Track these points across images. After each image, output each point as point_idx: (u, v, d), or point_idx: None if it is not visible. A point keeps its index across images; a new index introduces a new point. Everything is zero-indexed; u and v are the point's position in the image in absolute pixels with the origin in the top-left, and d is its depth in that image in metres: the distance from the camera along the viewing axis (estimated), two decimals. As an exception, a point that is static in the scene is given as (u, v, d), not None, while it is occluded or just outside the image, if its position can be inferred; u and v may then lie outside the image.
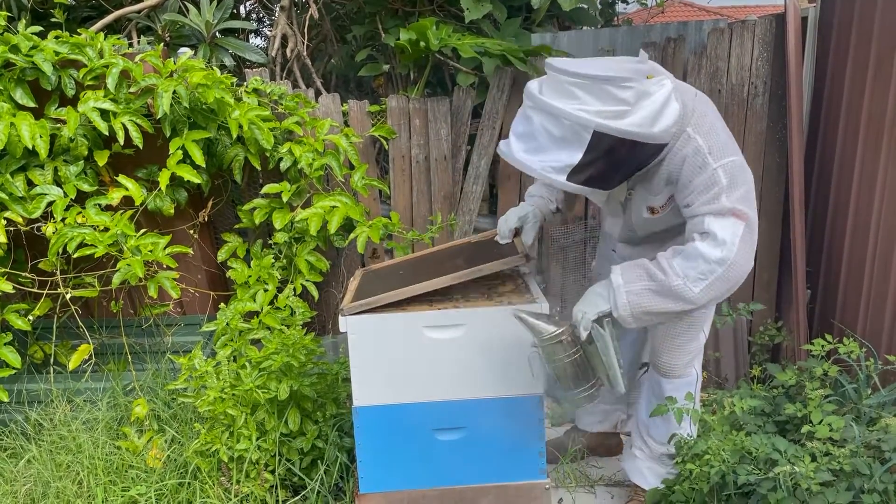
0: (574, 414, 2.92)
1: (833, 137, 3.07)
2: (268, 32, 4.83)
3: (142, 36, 3.65)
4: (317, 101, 3.25)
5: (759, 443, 2.09)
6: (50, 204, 2.76)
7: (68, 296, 2.83)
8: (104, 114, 2.77)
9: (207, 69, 2.94)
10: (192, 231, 3.13)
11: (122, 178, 2.87)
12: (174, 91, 2.79)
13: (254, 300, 3.01)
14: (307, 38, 3.68)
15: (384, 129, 3.20)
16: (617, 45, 3.27)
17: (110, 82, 2.78)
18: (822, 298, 3.17)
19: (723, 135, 2.02)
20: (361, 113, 3.26)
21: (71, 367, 2.92)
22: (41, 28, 2.89)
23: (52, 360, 3.01)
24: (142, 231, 2.87)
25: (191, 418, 2.74)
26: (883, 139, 2.69)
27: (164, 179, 2.85)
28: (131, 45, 3.46)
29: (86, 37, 2.91)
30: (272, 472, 2.52)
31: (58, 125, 2.78)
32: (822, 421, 2.18)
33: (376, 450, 2.34)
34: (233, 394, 2.53)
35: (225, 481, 2.49)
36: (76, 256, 2.71)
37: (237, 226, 3.23)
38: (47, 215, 2.77)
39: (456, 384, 2.29)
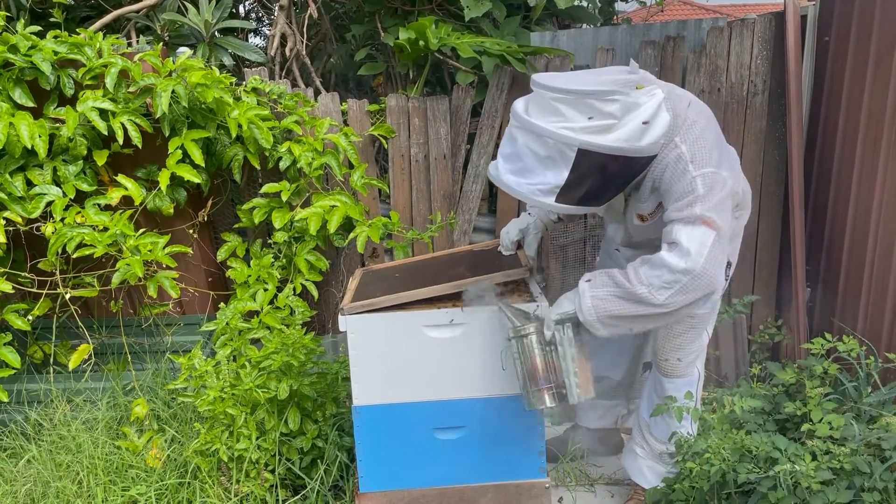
0: (576, 411, 2.92)
1: (832, 136, 3.06)
2: (267, 32, 4.84)
3: (141, 35, 3.65)
4: (316, 101, 3.24)
5: (760, 441, 2.09)
6: (49, 204, 2.76)
7: (68, 296, 2.82)
8: (103, 113, 2.77)
9: (206, 69, 2.94)
10: (192, 231, 3.13)
11: (122, 178, 2.87)
12: (173, 90, 2.79)
13: (253, 300, 3.01)
14: (306, 38, 3.68)
15: (383, 129, 3.20)
16: (616, 44, 3.26)
17: (109, 82, 2.78)
18: (822, 297, 3.17)
19: (711, 144, 1.97)
20: (361, 112, 3.26)
21: (71, 367, 2.92)
22: (40, 28, 2.89)
23: (52, 360, 3.01)
24: (141, 231, 2.87)
25: (191, 418, 2.74)
26: (882, 137, 2.69)
27: (164, 179, 2.85)
28: (130, 45, 3.45)
29: (84, 36, 2.90)
30: (272, 472, 2.52)
31: (57, 125, 2.78)
32: (823, 419, 2.18)
33: (376, 449, 2.34)
34: (232, 393, 2.53)
35: (225, 481, 2.49)
36: (75, 256, 2.71)
37: (237, 225, 3.23)
38: (46, 215, 2.77)
39: (456, 383, 2.30)
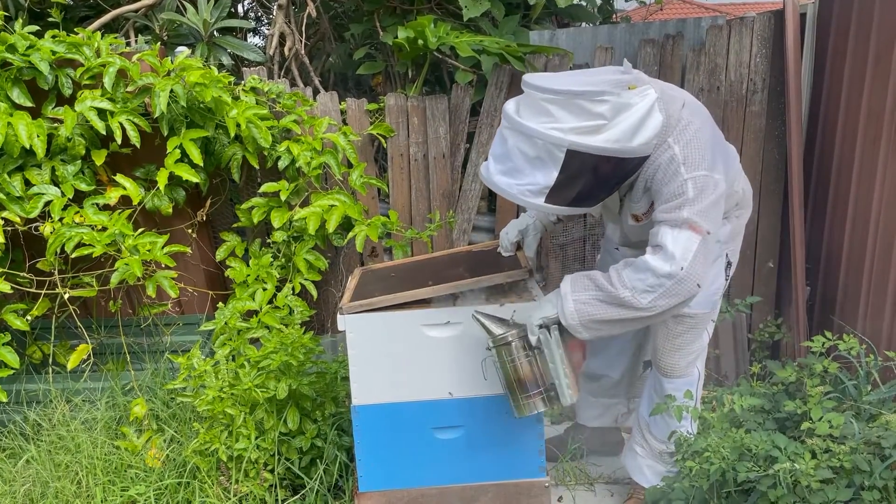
0: (575, 409, 2.91)
1: (832, 133, 3.06)
2: (266, 31, 4.83)
3: (139, 35, 3.65)
4: (315, 100, 3.24)
5: (759, 440, 2.08)
6: (47, 204, 2.76)
7: (66, 296, 2.82)
8: (101, 113, 2.77)
9: (205, 68, 2.93)
10: (191, 230, 3.13)
11: (120, 178, 2.87)
12: (172, 90, 2.78)
13: (252, 299, 3.00)
14: (305, 37, 3.67)
15: (382, 128, 3.20)
16: (615, 43, 3.26)
17: (107, 81, 2.77)
18: (822, 295, 3.17)
19: (704, 146, 1.94)
20: (360, 111, 3.26)
21: (70, 367, 2.92)
22: (38, 27, 2.89)
23: (51, 360, 3.01)
24: (140, 230, 2.86)
25: (190, 418, 2.74)
26: (882, 135, 2.68)
27: (162, 178, 2.85)
28: (129, 45, 3.45)
29: (83, 36, 2.90)
30: (271, 472, 2.51)
31: (55, 125, 2.78)
32: (822, 418, 2.18)
33: (375, 448, 2.34)
34: (231, 393, 2.53)
35: (224, 480, 2.49)
36: (74, 256, 2.71)
37: (235, 225, 3.23)
38: (45, 215, 2.77)
39: (455, 382, 2.29)
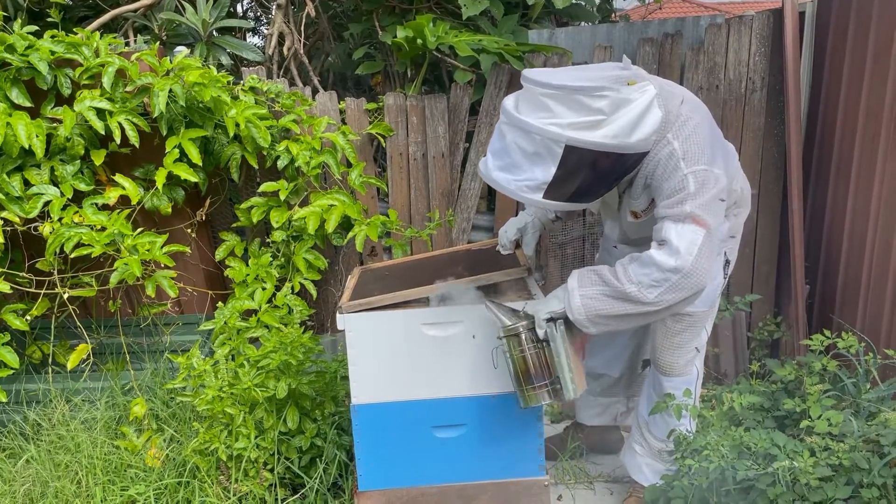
0: (574, 408, 2.92)
1: (831, 132, 3.06)
2: (265, 31, 4.83)
3: (138, 35, 3.65)
4: (314, 99, 3.24)
5: (758, 438, 2.09)
6: (47, 203, 2.76)
7: (66, 295, 2.82)
8: (100, 113, 2.77)
9: (204, 68, 2.93)
10: (190, 230, 3.13)
11: (119, 178, 2.87)
12: (170, 90, 2.78)
13: (252, 299, 3.00)
14: (304, 36, 3.67)
15: (381, 127, 3.20)
16: (614, 42, 3.26)
17: (106, 81, 2.77)
18: (821, 293, 3.17)
19: (704, 142, 1.94)
20: (359, 111, 3.26)
21: (69, 367, 2.92)
22: (37, 27, 2.89)
23: (51, 360, 3.01)
24: (139, 230, 2.87)
25: (189, 417, 2.74)
26: (881, 133, 2.69)
27: (161, 178, 2.85)
28: (128, 44, 3.45)
29: (82, 36, 2.90)
30: (271, 471, 2.51)
31: (54, 125, 2.78)
32: (821, 416, 2.18)
33: (375, 447, 2.34)
34: (231, 392, 2.53)
35: (224, 480, 2.49)
36: (73, 256, 2.71)
37: (235, 224, 3.23)
38: (44, 215, 2.77)
39: (454, 381, 2.29)
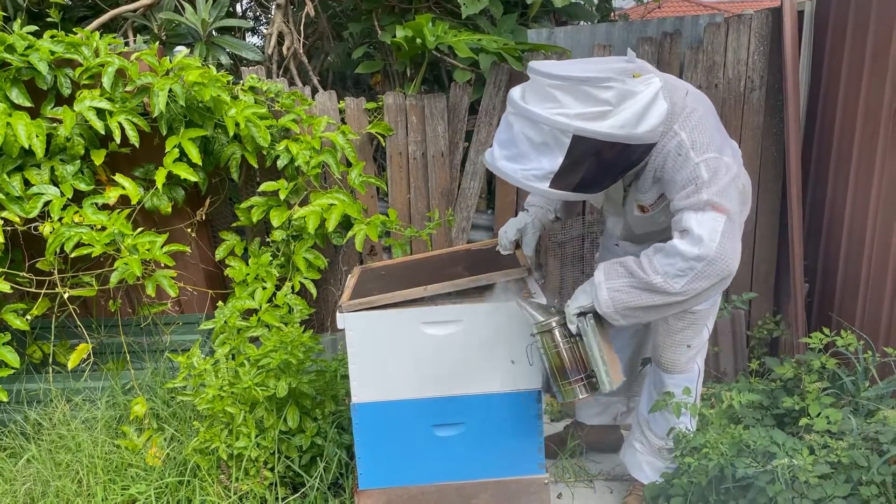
0: (573, 407, 2.92)
1: (830, 130, 3.07)
2: (264, 30, 4.83)
3: (138, 35, 3.65)
4: (313, 99, 3.24)
5: (758, 436, 2.09)
6: (47, 203, 2.76)
7: (66, 295, 2.83)
8: (100, 113, 2.77)
9: (203, 67, 2.93)
10: (190, 229, 3.13)
11: (119, 177, 2.87)
12: (170, 89, 2.79)
13: (252, 298, 3.01)
14: (304, 36, 3.67)
15: (381, 126, 3.20)
16: (614, 41, 3.26)
17: (106, 81, 2.78)
18: (820, 291, 3.17)
19: (711, 131, 1.96)
20: (358, 110, 3.26)
21: (70, 367, 2.92)
22: (37, 27, 2.89)
23: (51, 360, 3.02)
24: (139, 230, 2.87)
25: (190, 416, 2.75)
26: (880, 131, 2.69)
27: (161, 178, 2.85)
28: (127, 44, 3.45)
29: (81, 36, 2.91)
30: (271, 470, 2.52)
31: (54, 125, 2.78)
32: (820, 414, 2.19)
33: (375, 446, 2.34)
34: (231, 392, 2.53)
35: (224, 479, 2.50)
36: (73, 256, 2.71)
37: (235, 224, 3.23)
38: (44, 215, 2.77)
39: (454, 380, 2.30)
